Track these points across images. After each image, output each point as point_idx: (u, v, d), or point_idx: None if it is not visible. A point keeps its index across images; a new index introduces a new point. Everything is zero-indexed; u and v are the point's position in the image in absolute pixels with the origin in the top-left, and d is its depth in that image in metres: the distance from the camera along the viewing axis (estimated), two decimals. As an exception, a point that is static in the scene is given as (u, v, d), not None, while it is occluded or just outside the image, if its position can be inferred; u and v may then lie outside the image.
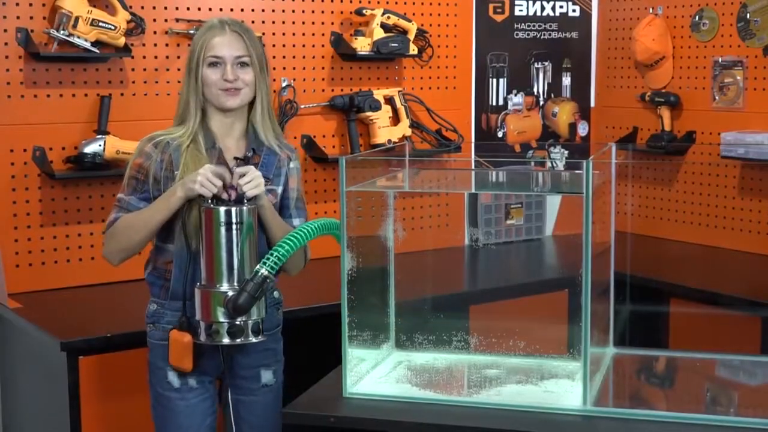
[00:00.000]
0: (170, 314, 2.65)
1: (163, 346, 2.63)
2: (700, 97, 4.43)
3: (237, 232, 2.46)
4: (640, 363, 2.73)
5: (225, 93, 2.63)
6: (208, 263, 2.50)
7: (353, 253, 2.38)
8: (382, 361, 2.61)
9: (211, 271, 2.49)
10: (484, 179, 2.81)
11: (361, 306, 2.41)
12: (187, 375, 2.64)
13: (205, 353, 2.62)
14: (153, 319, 2.69)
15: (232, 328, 2.49)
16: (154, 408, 2.71)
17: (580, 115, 4.80)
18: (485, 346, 2.67)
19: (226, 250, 2.47)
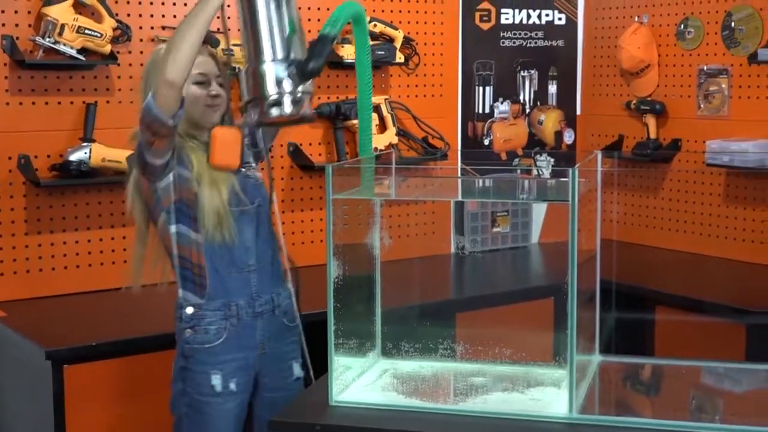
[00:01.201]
0: (211, 314, 2.64)
1: (209, 350, 2.63)
2: (685, 105, 4.45)
3: (285, 3, 2.45)
4: (625, 370, 2.74)
5: (210, 108, 2.67)
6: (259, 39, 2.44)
7: (339, 261, 2.38)
8: (369, 369, 2.61)
9: (261, 47, 2.44)
10: (470, 187, 2.81)
11: (347, 314, 2.41)
12: (228, 377, 2.63)
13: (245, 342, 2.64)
14: (192, 323, 2.65)
15: (296, 97, 2.42)
16: (186, 416, 2.67)
17: (566, 123, 4.81)
18: (471, 354, 2.67)
19: (279, 22, 2.44)
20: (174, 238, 2.65)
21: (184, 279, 2.67)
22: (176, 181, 2.62)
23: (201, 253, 2.64)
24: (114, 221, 3.74)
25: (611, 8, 4.72)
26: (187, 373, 2.66)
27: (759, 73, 4.16)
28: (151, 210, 2.68)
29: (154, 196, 2.63)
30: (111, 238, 3.74)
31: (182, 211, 2.63)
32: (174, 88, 2.46)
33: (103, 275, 3.73)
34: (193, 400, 2.65)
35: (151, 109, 2.48)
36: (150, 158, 2.56)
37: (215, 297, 2.64)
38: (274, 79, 2.41)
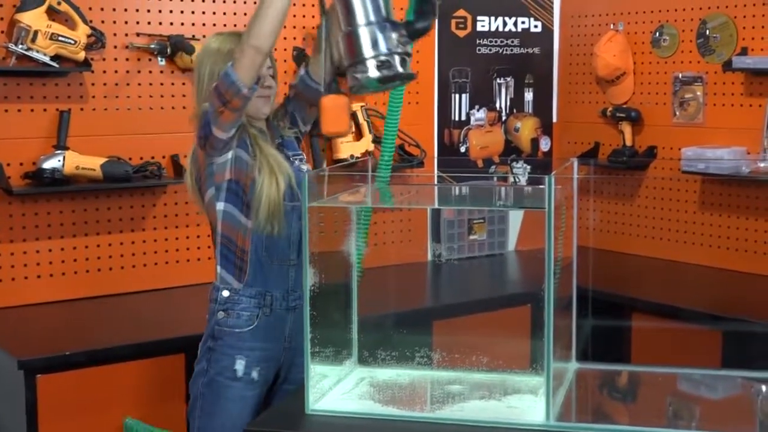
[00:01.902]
0: (246, 300, 2.67)
1: (238, 334, 2.65)
2: (660, 113, 4.47)
3: None
4: (602, 377, 2.75)
5: (263, 99, 2.69)
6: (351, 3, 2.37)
7: (316, 269, 2.38)
8: (345, 377, 2.60)
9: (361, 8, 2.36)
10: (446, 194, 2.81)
11: (323, 322, 2.40)
12: (252, 365, 2.65)
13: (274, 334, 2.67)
14: (226, 306, 2.68)
15: (404, 56, 2.36)
16: (202, 396, 2.68)
17: (542, 131, 4.83)
18: (448, 362, 2.67)
19: None
20: (220, 216, 2.67)
21: (226, 260, 2.70)
22: (233, 161, 2.64)
23: (247, 238, 2.66)
24: (88, 230, 3.72)
25: (587, 16, 4.75)
26: (213, 354, 2.68)
27: (734, 81, 4.19)
28: (200, 183, 2.70)
29: (207, 169, 2.66)
30: (85, 247, 3.72)
31: (234, 192, 2.66)
32: (260, 53, 2.47)
33: (77, 284, 3.71)
34: (213, 381, 2.67)
35: (229, 75, 2.49)
36: (215, 130, 2.57)
37: (253, 285, 2.67)
38: (383, 39, 2.33)
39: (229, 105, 2.52)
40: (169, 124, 3.87)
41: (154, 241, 3.88)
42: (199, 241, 3.96)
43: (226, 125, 2.56)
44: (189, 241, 3.95)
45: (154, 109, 3.84)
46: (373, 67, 2.34)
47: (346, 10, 2.37)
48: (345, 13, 2.38)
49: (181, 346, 3.24)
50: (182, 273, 3.92)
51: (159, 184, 3.81)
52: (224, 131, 2.57)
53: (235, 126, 2.59)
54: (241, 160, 2.64)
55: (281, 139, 2.78)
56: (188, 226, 3.94)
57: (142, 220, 3.85)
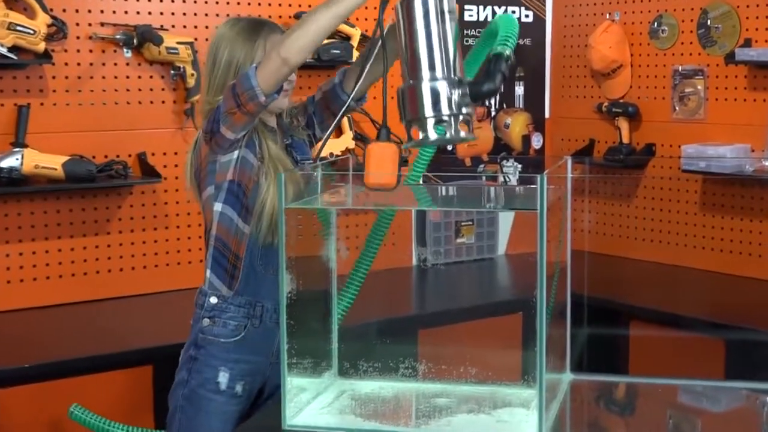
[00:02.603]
0: (234, 309, 2.66)
1: (223, 345, 2.65)
2: (659, 108, 4.49)
3: (449, 21, 2.38)
4: (598, 389, 2.75)
5: (283, 94, 2.67)
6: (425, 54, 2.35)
7: (293, 275, 2.37)
8: (324, 390, 2.60)
9: (427, 63, 2.34)
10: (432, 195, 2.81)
11: (301, 331, 2.40)
12: (236, 380, 2.64)
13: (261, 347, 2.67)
14: (212, 313, 2.67)
15: (467, 118, 2.34)
16: (181, 410, 2.67)
17: (533, 127, 4.84)
18: (435, 373, 2.67)
19: (442, 39, 2.35)
20: (216, 217, 2.66)
21: (217, 264, 2.69)
22: (238, 161, 2.62)
23: (243, 245, 2.65)
24: (48, 233, 3.71)
25: (581, 5, 4.76)
26: (195, 364, 2.67)
27: (737, 74, 4.21)
28: (200, 178, 2.68)
29: (209, 166, 2.64)
30: (45, 252, 3.71)
31: (235, 194, 2.64)
32: (287, 65, 2.45)
33: (37, 292, 3.69)
34: (194, 394, 2.66)
35: (249, 79, 2.47)
36: (223, 129, 2.55)
37: (243, 293, 2.67)
38: (445, 98, 2.32)
39: (243, 108, 2.50)
40: (135, 120, 3.86)
41: (120, 246, 3.87)
42: (168, 246, 3.96)
43: (237, 127, 2.55)
44: (157, 246, 3.94)
45: (120, 104, 3.83)
46: (431, 128, 2.34)
47: (413, 60, 2.36)
48: (411, 63, 2.36)
49: (148, 357, 3.23)
50: (150, 280, 3.92)
51: (125, 184, 3.80)
52: (233, 132, 2.56)
53: (245, 129, 2.57)
54: (246, 161, 2.63)
55: (290, 139, 2.76)
56: (156, 229, 3.93)
57: (107, 223, 3.84)
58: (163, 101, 3.93)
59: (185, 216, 3.99)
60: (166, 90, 3.94)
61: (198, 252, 3.97)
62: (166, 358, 3.12)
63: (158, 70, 3.91)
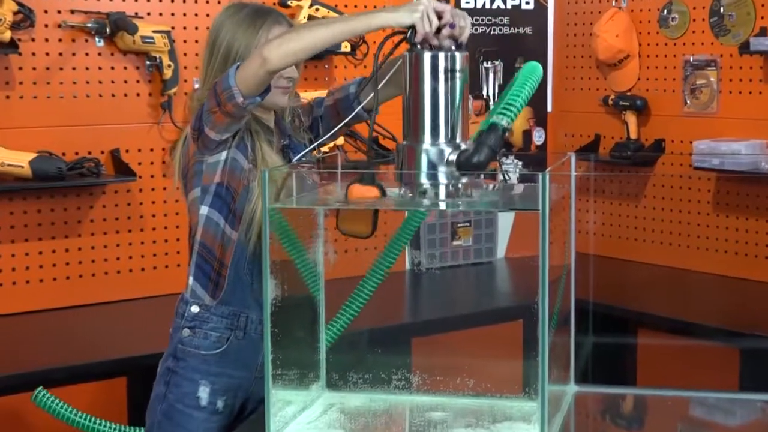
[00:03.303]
0: (216, 320, 2.65)
1: (203, 357, 2.63)
2: (669, 101, 4.50)
3: (459, 81, 2.38)
4: (604, 402, 2.75)
5: (281, 90, 2.65)
6: (420, 117, 2.39)
7: (277, 280, 2.37)
8: (311, 403, 2.60)
9: (422, 127, 2.38)
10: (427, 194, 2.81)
11: (286, 340, 2.40)
12: (217, 395, 2.64)
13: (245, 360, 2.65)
14: (193, 323, 2.65)
15: (450, 190, 2.37)
16: (158, 426, 2.67)
17: (535, 122, 4.85)
18: (429, 385, 2.67)
19: (446, 101, 2.37)
20: (202, 221, 2.64)
21: (200, 271, 2.67)
22: (227, 163, 2.60)
23: (228, 252, 2.64)
24: (14, 236, 3.70)
25: (586, -9, 4.77)
26: (173, 377, 2.66)
27: (751, 65, 4.22)
28: (186, 178, 2.66)
29: (195, 166, 2.62)
30: (11, 255, 3.70)
31: (222, 197, 2.62)
32: (264, 68, 2.41)
33: (1, 299, 3.68)
34: (172, 409, 2.65)
35: (228, 78, 2.46)
36: (207, 128, 2.54)
37: (227, 303, 2.65)
38: (428, 166, 2.38)
39: (223, 108, 2.48)
40: (108, 114, 3.86)
41: (92, 249, 3.86)
42: (143, 249, 3.95)
43: (219, 127, 2.53)
44: (132, 249, 3.93)
45: (92, 97, 3.83)
46: (423, 194, 2.40)
47: (415, 120, 2.40)
48: (413, 122, 2.40)
49: (122, 368, 3.23)
50: (124, 286, 3.91)
51: (97, 183, 3.79)
52: (217, 133, 2.54)
53: (230, 130, 2.55)
54: (236, 164, 2.61)
55: (288, 140, 2.74)
56: (131, 231, 3.92)
57: (78, 225, 3.83)
58: (138, 94, 3.93)
59: (162, 217, 3.99)
60: (141, 82, 3.93)
61: (176, 256, 3.96)
62: (142, 369, 3.12)
63: (133, 60, 3.90)
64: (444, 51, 2.37)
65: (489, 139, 2.33)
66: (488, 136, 2.33)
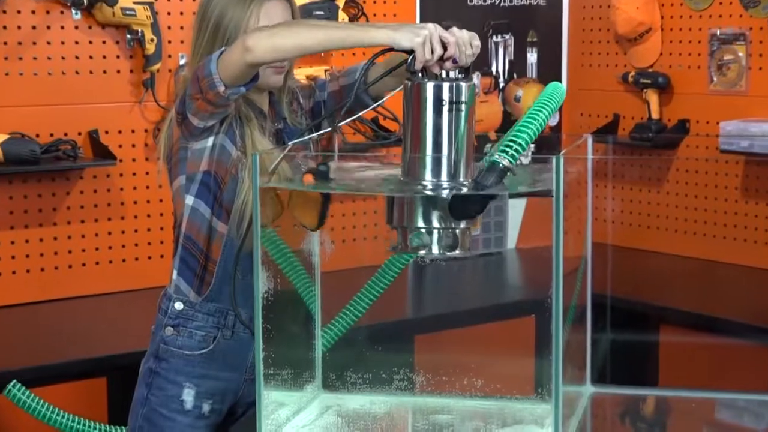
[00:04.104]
0: (202, 318, 2.65)
1: (188, 358, 2.64)
2: (694, 78, 4.49)
3: (463, 114, 2.36)
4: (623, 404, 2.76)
5: (274, 70, 2.64)
6: (419, 152, 2.38)
7: (269, 272, 2.38)
8: (307, 405, 2.61)
9: (421, 163, 2.38)
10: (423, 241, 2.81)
11: (279, 337, 2.40)
12: (203, 398, 2.64)
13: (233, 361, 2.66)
14: (177, 321, 2.66)
15: (449, 235, 2.35)
16: (139, 431, 2.68)
17: (548, 101, 4.84)
18: (434, 386, 2.68)
19: (448, 135, 2.36)
20: (187, 212, 2.64)
21: (185, 265, 2.67)
22: (214, 150, 2.60)
23: (215, 245, 2.64)
24: (-15, 224, 3.71)
25: (604, -41, 4.77)
26: (155, 379, 2.67)
27: (783, 39, 4.22)
28: (171, 163, 2.66)
29: (180, 152, 2.62)
30: (-19, 246, 3.71)
31: (209, 187, 2.62)
32: (246, 59, 2.39)
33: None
34: (154, 413, 2.66)
35: (209, 64, 2.45)
36: (189, 114, 2.54)
37: (214, 299, 2.66)
38: (422, 209, 2.37)
39: (204, 96, 2.48)
40: (86, 93, 3.86)
41: (68, 239, 3.86)
42: (124, 239, 3.95)
43: (202, 114, 2.53)
44: (112, 239, 3.94)
45: (68, 74, 3.83)
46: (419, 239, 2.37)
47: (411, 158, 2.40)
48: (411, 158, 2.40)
49: (102, 368, 3.23)
50: (103, 278, 3.91)
51: (74, 167, 3.79)
52: (200, 120, 2.54)
53: (213, 118, 2.55)
54: (224, 151, 2.60)
55: (283, 123, 2.74)
56: (111, 219, 3.93)
57: (53, 213, 3.83)
58: (119, 71, 3.93)
59: (144, 204, 3.99)
60: (121, 58, 3.93)
61: (160, 246, 3.97)
62: (123, 369, 3.12)
63: (112, 34, 3.90)
64: (447, 81, 2.33)
65: (486, 180, 2.29)
66: (485, 177, 2.29)
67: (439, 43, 2.33)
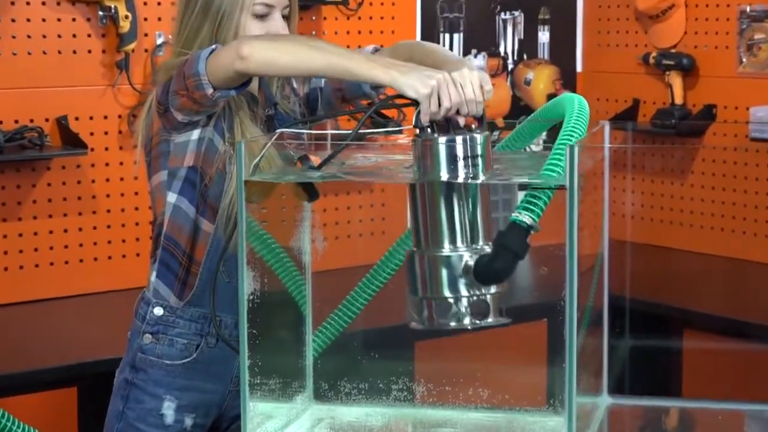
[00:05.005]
0: (184, 324, 2.65)
1: (168, 368, 2.64)
2: (721, 60, 4.50)
3: (479, 169, 2.35)
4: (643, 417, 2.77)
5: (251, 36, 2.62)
6: (430, 218, 2.38)
7: (256, 272, 2.38)
8: (297, 418, 2.61)
9: (434, 230, 2.38)
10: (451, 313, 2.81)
11: (267, 343, 2.41)
12: (185, 412, 2.65)
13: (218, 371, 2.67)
14: (156, 328, 2.66)
15: (479, 303, 2.39)
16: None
17: (562, 83, 4.85)
18: (436, 397, 2.68)
19: (465, 195, 2.38)
20: (168, 210, 2.64)
21: (166, 268, 2.67)
22: (201, 144, 2.60)
23: (200, 246, 2.64)
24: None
25: (622, -72, 4.77)
26: (132, 391, 2.67)
27: (820, 16, 4.23)
28: (150, 156, 2.65)
29: (161, 145, 2.62)
30: (-60, 243, 3.72)
31: (194, 184, 2.62)
32: (237, 67, 2.40)
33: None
34: (131, 429, 2.66)
35: (198, 63, 2.46)
36: (172, 108, 2.54)
37: (197, 304, 2.65)
38: (447, 278, 2.37)
39: (189, 95, 2.48)
40: (54, 76, 3.86)
41: (35, 236, 3.86)
42: (96, 235, 3.95)
43: (186, 110, 2.53)
44: (83, 236, 3.94)
45: (34, 55, 3.83)
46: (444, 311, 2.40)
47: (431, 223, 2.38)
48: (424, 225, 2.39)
49: (72, 377, 3.23)
50: (73, 279, 3.91)
51: (41, 156, 3.79)
52: (185, 116, 2.55)
53: (198, 115, 2.55)
54: (211, 145, 2.61)
55: (274, 109, 2.73)
56: (81, 214, 3.93)
57: (18, 207, 3.83)
58: (90, 51, 3.93)
59: (118, 197, 3.99)
60: (93, 37, 3.93)
61: (135, 244, 3.97)
62: (95, 378, 3.13)
63: (83, 11, 3.90)
64: (460, 134, 2.31)
65: (509, 240, 2.31)
66: (508, 237, 2.31)
67: (447, 96, 2.31)
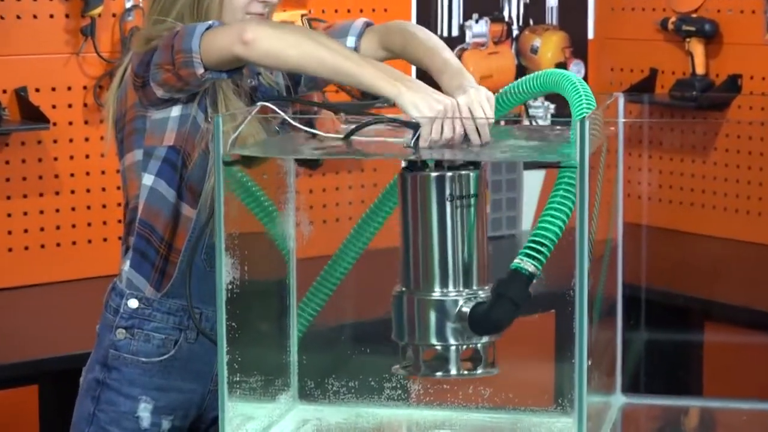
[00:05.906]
0: (161, 318, 2.66)
1: (144, 366, 2.65)
2: (747, 26, 4.50)
3: (472, 209, 2.39)
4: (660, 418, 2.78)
5: (255, 18, 2.64)
6: (422, 256, 2.42)
7: (235, 259, 2.38)
8: (280, 419, 2.62)
9: (425, 270, 2.41)
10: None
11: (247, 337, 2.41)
12: (162, 414, 2.66)
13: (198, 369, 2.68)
14: (131, 322, 2.66)
15: (473, 353, 2.41)
16: None
17: (572, 52, 4.85)
18: (433, 396, 2.68)
19: (453, 237, 2.40)
20: (144, 194, 2.64)
21: (141, 257, 2.67)
22: (183, 123, 2.61)
23: (181, 232, 2.64)
24: None
25: None
26: (104, 392, 2.67)
27: None
28: (122, 133, 2.66)
29: (135, 121, 2.62)
30: None
31: (174, 165, 2.63)
32: (237, 52, 2.41)
33: None
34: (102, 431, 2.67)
35: (192, 39, 2.46)
36: (151, 80, 2.54)
37: (175, 295, 2.65)
38: (437, 326, 2.39)
39: (175, 70, 2.49)
40: (12, 43, 3.85)
41: (-8, 218, 3.87)
42: (59, 218, 3.95)
43: (168, 87, 2.54)
44: (44, 219, 3.94)
45: (-10, 20, 3.83)
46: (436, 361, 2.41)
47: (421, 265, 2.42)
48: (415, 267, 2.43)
49: (33, 373, 3.24)
50: (34, 266, 3.92)
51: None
52: (165, 92, 2.55)
53: (181, 93, 2.56)
54: (194, 125, 2.61)
55: (257, 80, 2.73)
56: (42, 195, 3.93)
57: (-26, 187, 3.84)
58: (52, 15, 3.92)
59: (83, 177, 3.99)
60: (55, 0, 3.92)
61: (102, 228, 3.97)
62: (58, 375, 3.13)
63: (43, -30, 3.90)
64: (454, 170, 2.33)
65: (509, 289, 2.34)
66: (508, 285, 2.33)
67: (451, 127, 2.34)
